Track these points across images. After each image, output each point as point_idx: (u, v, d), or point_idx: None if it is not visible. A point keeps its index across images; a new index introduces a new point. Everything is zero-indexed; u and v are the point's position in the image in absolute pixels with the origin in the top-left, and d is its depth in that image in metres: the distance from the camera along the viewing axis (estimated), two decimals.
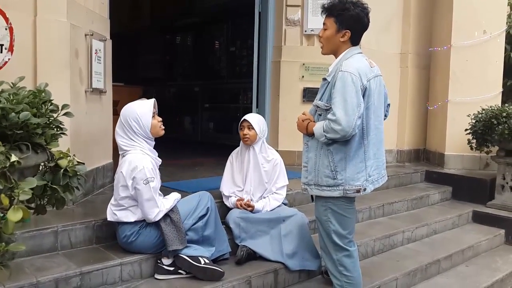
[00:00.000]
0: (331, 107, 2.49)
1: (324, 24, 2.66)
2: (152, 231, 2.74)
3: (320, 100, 2.62)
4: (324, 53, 2.72)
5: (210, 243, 2.91)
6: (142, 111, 2.76)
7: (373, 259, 3.66)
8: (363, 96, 2.48)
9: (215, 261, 2.90)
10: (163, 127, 2.88)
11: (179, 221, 2.77)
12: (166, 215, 2.76)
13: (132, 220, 2.72)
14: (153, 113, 2.81)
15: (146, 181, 2.66)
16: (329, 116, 2.46)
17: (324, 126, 2.48)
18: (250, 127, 3.28)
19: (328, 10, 2.62)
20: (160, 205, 2.74)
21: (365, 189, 2.59)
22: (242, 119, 3.32)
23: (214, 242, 2.93)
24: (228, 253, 3.03)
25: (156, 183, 2.75)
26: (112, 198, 2.81)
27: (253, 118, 3.32)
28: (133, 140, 2.75)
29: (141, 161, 2.68)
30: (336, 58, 2.65)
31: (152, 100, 2.83)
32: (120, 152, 2.81)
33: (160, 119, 2.87)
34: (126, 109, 2.80)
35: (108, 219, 2.79)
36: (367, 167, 2.59)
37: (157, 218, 2.72)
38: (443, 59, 5.69)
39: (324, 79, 2.63)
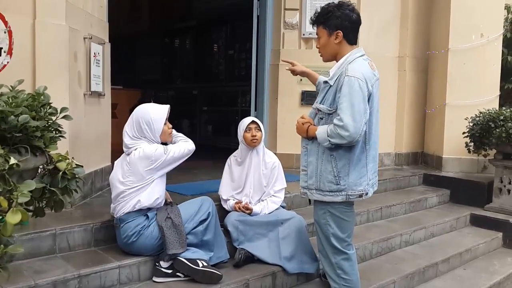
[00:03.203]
0: (334, 112, 2.49)
1: (317, 34, 2.70)
2: (154, 232, 2.75)
3: (321, 103, 2.62)
4: (325, 61, 2.73)
5: (209, 248, 2.92)
6: (156, 115, 2.79)
7: (371, 262, 3.66)
8: (368, 101, 2.49)
9: (213, 265, 2.89)
10: (172, 134, 2.93)
11: (180, 224, 2.77)
12: (168, 218, 2.76)
13: (142, 199, 2.73)
14: (165, 119, 2.84)
15: (166, 150, 2.74)
16: (336, 121, 2.45)
17: (329, 131, 2.47)
18: (258, 128, 3.29)
19: (316, 21, 2.68)
20: (185, 140, 2.91)
21: (367, 193, 2.61)
22: (250, 121, 3.31)
23: (213, 247, 2.94)
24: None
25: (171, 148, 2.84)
26: (118, 196, 2.77)
27: (258, 120, 3.36)
28: (139, 140, 2.78)
29: (150, 147, 2.73)
30: (337, 61, 2.65)
31: (167, 107, 2.86)
32: (125, 150, 2.82)
33: (171, 126, 2.91)
34: (140, 110, 2.82)
35: (119, 215, 2.76)
36: (368, 171, 2.61)
37: (191, 143, 2.91)
38: (441, 62, 5.71)
39: (326, 82, 2.63)
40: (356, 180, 2.56)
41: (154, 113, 2.79)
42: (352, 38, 2.64)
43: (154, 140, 2.80)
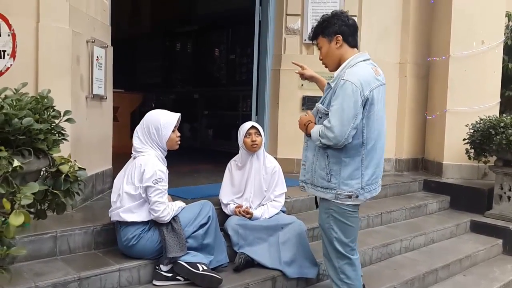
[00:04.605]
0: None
1: (317, 46, 2.75)
2: (154, 235, 2.76)
3: (321, 103, 2.67)
4: (331, 70, 2.74)
5: (209, 252, 2.92)
6: (166, 122, 2.81)
7: (371, 267, 3.66)
8: (365, 106, 2.50)
9: (213, 269, 2.89)
10: (179, 143, 2.93)
11: (180, 229, 2.78)
12: (168, 223, 2.77)
13: (138, 220, 2.73)
14: (175, 127, 2.85)
15: (156, 181, 2.70)
16: (325, 122, 2.52)
17: (320, 131, 2.54)
18: (258, 133, 3.30)
19: (314, 34, 2.73)
20: (169, 206, 2.78)
21: (357, 196, 2.60)
22: (249, 126, 3.31)
23: (213, 251, 2.94)
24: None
25: (166, 186, 2.78)
26: (116, 201, 2.79)
27: (258, 125, 3.37)
28: (147, 145, 2.79)
29: (153, 163, 2.73)
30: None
31: (178, 115, 2.88)
32: (132, 154, 2.84)
33: (179, 134, 2.92)
34: (151, 114, 2.86)
35: (114, 219, 2.78)
36: (364, 176, 2.60)
37: (169, 218, 2.75)
38: (442, 69, 5.72)
39: (328, 83, 2.68)
40: (347, 181, 2.57)
41: (164, 119, 2.82)
42: (352, 41, 2.67)
43: (160, 146, 2.82)
